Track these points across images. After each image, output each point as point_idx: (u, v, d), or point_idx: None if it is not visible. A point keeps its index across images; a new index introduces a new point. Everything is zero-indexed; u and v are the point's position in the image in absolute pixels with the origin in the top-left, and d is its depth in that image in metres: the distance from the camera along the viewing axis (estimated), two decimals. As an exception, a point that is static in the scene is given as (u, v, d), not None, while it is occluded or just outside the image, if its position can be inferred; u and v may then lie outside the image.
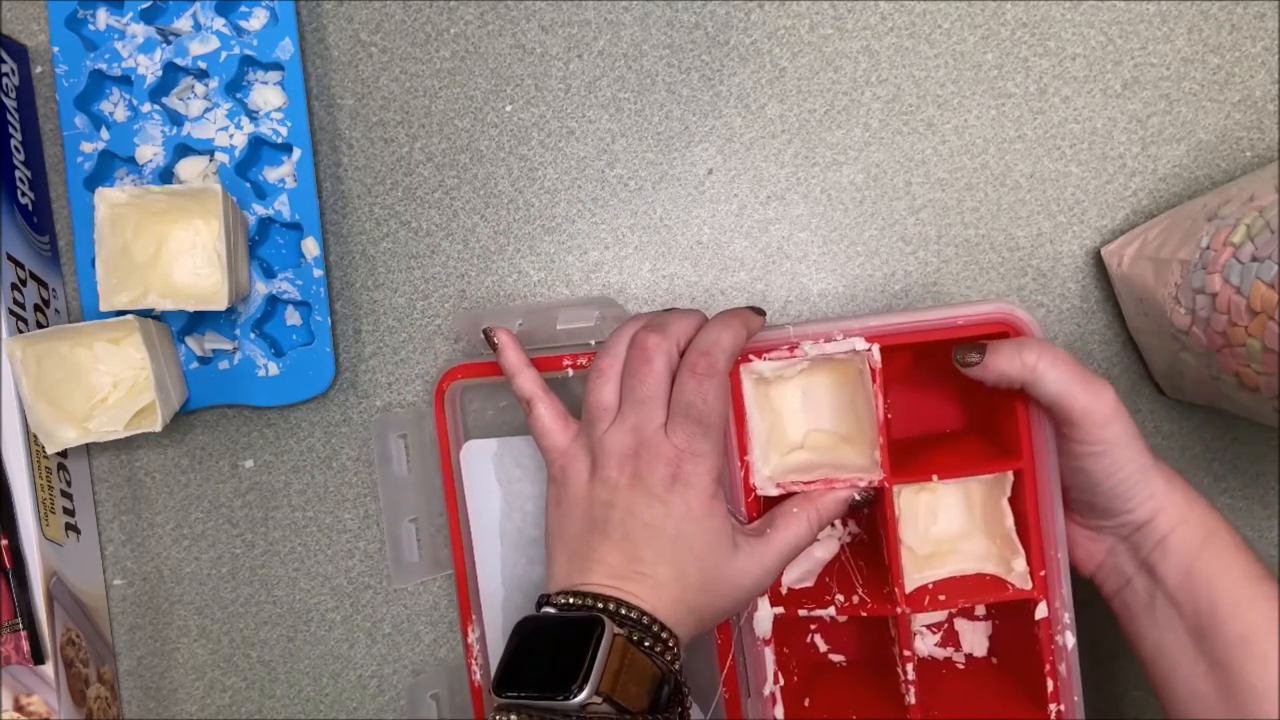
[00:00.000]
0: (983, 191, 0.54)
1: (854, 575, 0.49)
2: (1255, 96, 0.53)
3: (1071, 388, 0.40)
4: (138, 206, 0.48)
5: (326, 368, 0.53)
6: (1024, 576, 0.45)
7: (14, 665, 0.48)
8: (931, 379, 0.50)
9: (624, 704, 0.37)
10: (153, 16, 0.53)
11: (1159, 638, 0.42)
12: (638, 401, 0.41)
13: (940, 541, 0.49)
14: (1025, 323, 0.43)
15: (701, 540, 0.41)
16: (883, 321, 0.44)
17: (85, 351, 0.49)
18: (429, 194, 0.55)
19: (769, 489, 0.46)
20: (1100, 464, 0.41)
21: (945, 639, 0.51)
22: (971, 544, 0.48)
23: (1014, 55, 0.53)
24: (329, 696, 0.56)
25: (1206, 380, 0.46)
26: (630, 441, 0.41)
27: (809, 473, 0.46)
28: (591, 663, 0.36)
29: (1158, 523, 0.42)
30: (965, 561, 0.48)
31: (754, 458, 0.46)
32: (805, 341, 0.45)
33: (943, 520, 0.49)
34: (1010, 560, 0.46)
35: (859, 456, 0.47)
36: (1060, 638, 0.45)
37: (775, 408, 0.48)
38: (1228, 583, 0.41)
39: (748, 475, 0.46)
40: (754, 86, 0.54)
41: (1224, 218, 0.44)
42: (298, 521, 0.55)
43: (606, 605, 0.39)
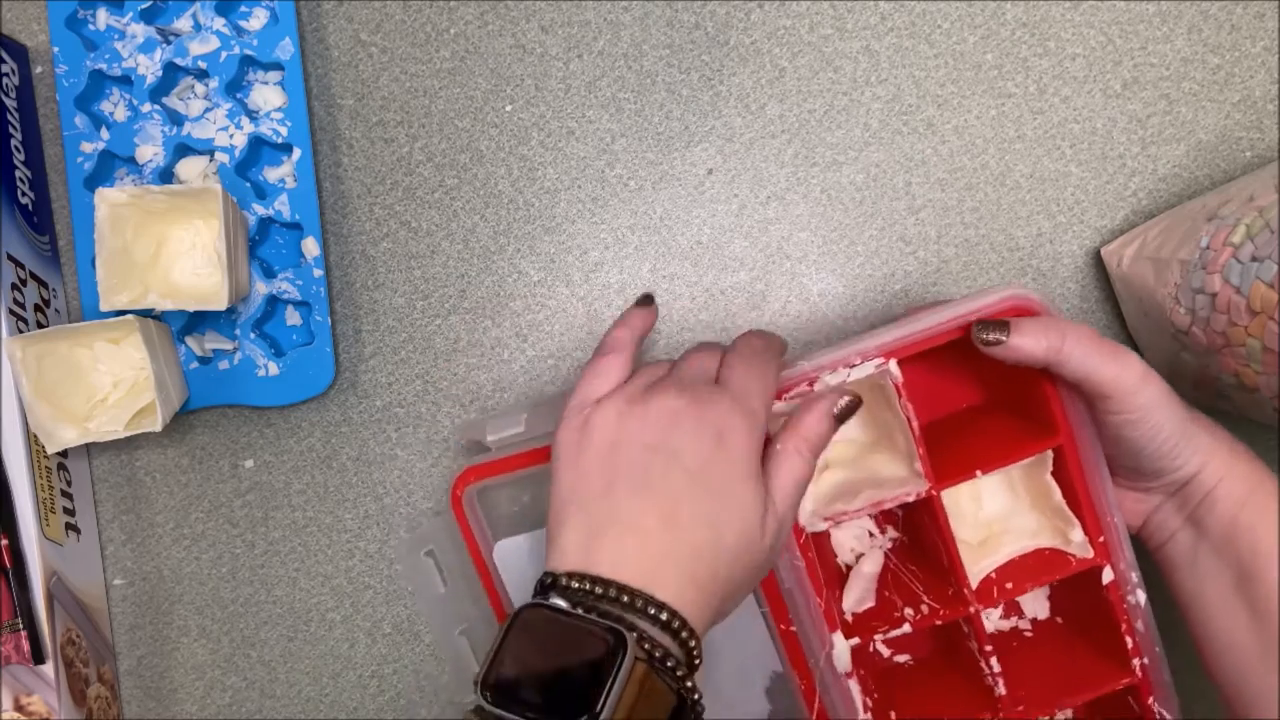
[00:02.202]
0: (983, 191, 0.54)
1: (912, 582, 0.48)
2: (1255, 96, 0.53)
3: (1098, 362, 0.39)
4: (138, 206, 0.48)
5: (326, 368, 0.53)
6: (1084, 545, 0.45)
7: (14, 665, 0.48)
8: (948, 355, 0.48)
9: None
10: (153, 16, 0.53)
11: (1201, 589, 0.42)
12: (685, 374, 0.40)
13: (990, 524, 0.48)
14: (1040, 305, 0.42)
15: (742, 499, 0.36)
16: (897, 335, 0.43)
17: (85, 351, 0.49)
18: (429, 194, 0.55)
19: (816, 525, 0.45)
20: (1139, 430, 0.40)
21: (1007, 609, 0.50)
22: (1021, 520, 0.48)
23: (1014, 55, 0.53)
24: (329, 696, 0.56)
25: (1207, 380, 0.46)
26: (678, 393, 0.38)
27: (853, 497, 0.45)
28: (608, 693, 0.31)
29: (1204, 476, 0.41)
30: (1020, 539, 0.47)
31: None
32: (824, 373, 0.43)
33: (988, 503, 0.48)
34: (1067, 531, 0.45)
35: (891, 464, 0.46)
36: (1132, 597, 0.45)
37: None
38: (1271, 532, 0.40)
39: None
40: (754, 86, 0.54)
41: (1224, 218, 0.44)
42: (298, 521, 0.55)
43: (633, 602, 0.34)
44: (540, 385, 0.55)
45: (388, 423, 0.55)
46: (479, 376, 0.55)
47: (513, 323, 0.55)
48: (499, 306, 0.55)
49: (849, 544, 0.51)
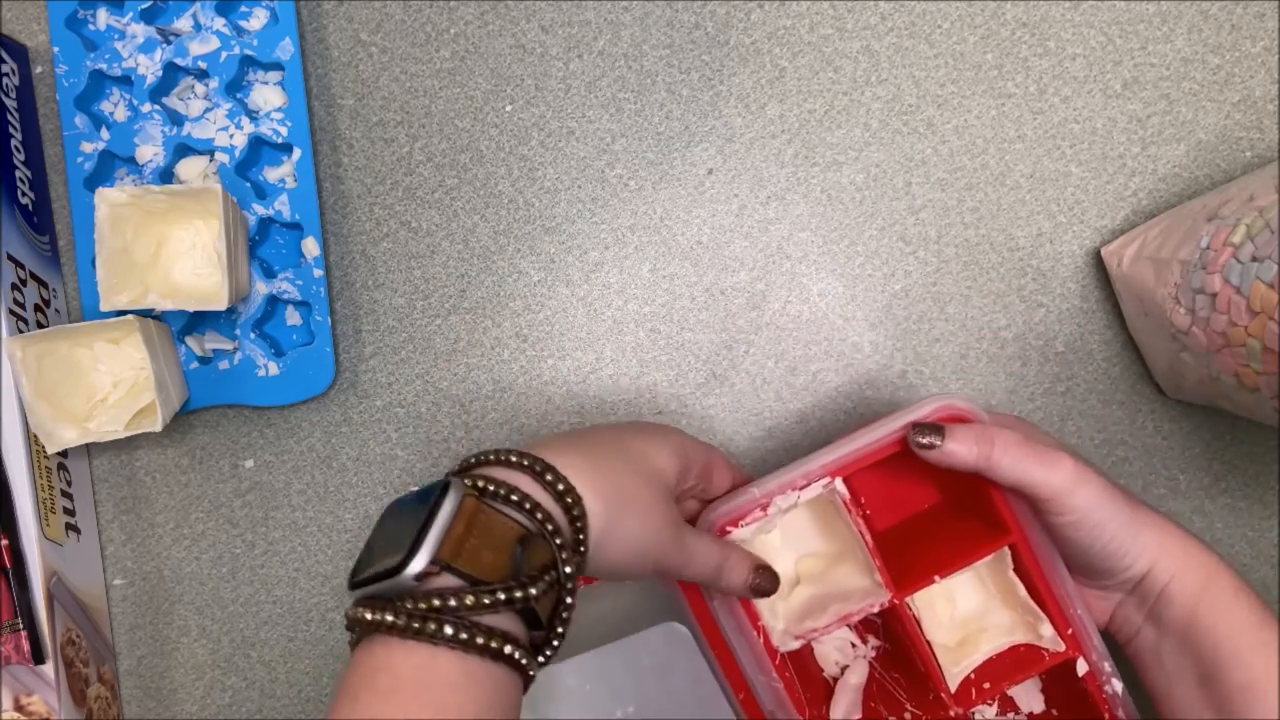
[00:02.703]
0: (983, 191, 0.54)
1: (895, 690, 0.49)
2: (1255, 96, 0.53)
3: (1026, 467, 0.40)
4: (138, 206, 0.48)
5: (326, 368, 0.53)
6: (1055, 639, 0.45)
7: (14, 665, 0.48)
8: (903, 460, 0.49)
9: (471, 572, 0.32)
10: (153, 16, 0.53)
11: (1169, 686, 0.42)
12: None
13: (967, 623, 0.49)
14: (972, 413, 0.43)
15: (654, 442, 0.41)
16: (840, 454, 0.44)
17: (85, 351, 0.49)
18: (429, 194, 0.55)
19: (789, 644, 0.46)
20: (1081, 531, 0.41)
21: (1002, 705, 0.50)
22: (996, 617, 0.48)
23: (1014, 55, 0.53)
24: (329, 696, 0.56)
25: (1206, 380, 0.46)
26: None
27: (821, 612, 0.46)
28: (427, 529, 0.32)
29: (1156, 573, 0.41)
30: (996, 637, 0.48)
31: (764, 619, 0.46)
32: (775, 498, 0.45)
33: (961, 603, 0.49)
34: (1037, 626, 0.46)
35: (856, 575, 0.47)
36: (1109, 687, 0.45)
37: (760, 554, 0.48)
38: (1228, 630, 0.40)
39: (766, 640, 0.46)
40: (754, 86, 0.54)
41: (1224, 218, 0.44)
42: (298, 521, 0.55)
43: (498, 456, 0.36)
44: (540, 385, 0.55)
45: (388, 423, 0.55)
46: (479, 376, 0.55)
47: (513, 323, 0.55)
48: (499, 306, 0.55)
49: (833, 656, 0.51)
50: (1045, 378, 0.54)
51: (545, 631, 0.35)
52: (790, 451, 0.54)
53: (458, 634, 0.31)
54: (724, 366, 0.54)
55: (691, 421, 0.54)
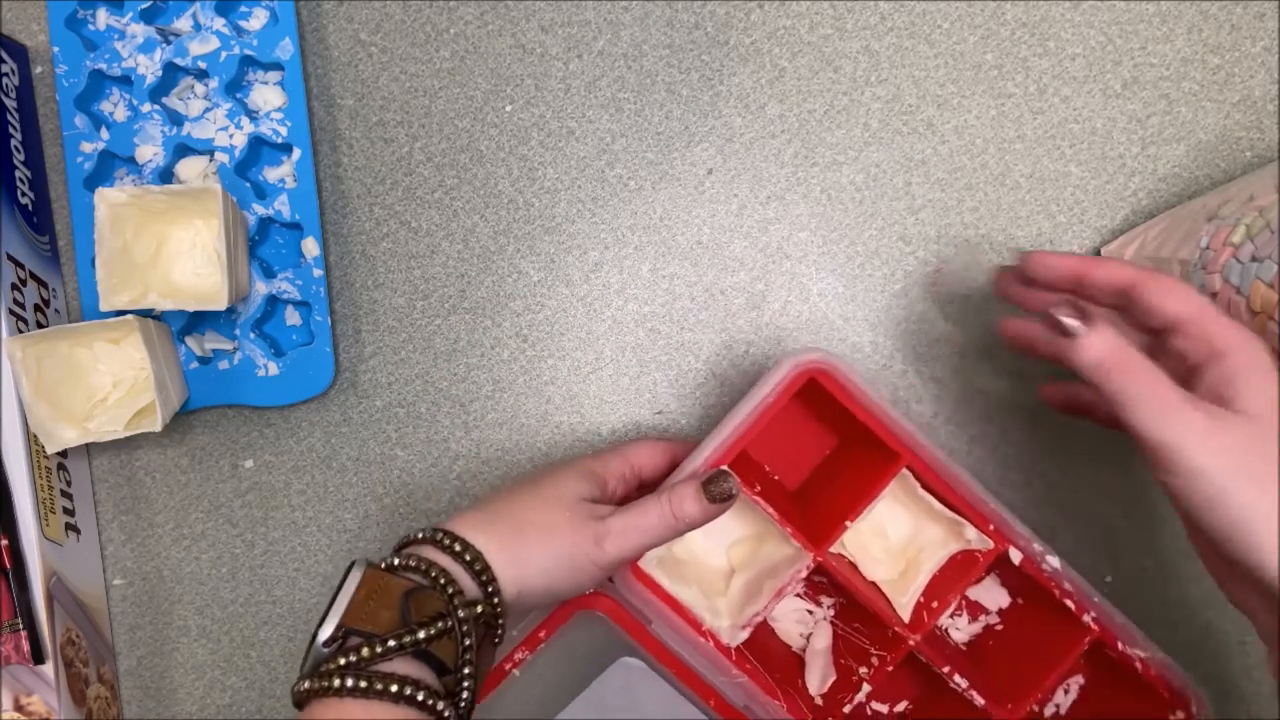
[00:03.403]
0: (983, 191, 0.54)
1: (859, 640, 0.49)
2: (1255, 96, 0.53)
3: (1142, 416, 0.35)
4: (138, 206, 0.48)
5: (326, 368, 0.53)
6: (981, 539, 0.46)
7: (14, 665, 0.48)
8: (790, 416, 0.50)
9: (369, 629, 0.36)
10: (153, 16, 0.53)
11: None
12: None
13: (904, 551, 0.49)
14: (827, 365, 0.44)
15: (555, 478, 0.43)
16: (714, 446, 0.45)
17: (85, 351, 0.49)
18: (429, 194, 0.55)
19: (739, 636, 0.47)
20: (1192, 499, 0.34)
21: (971, 611, 0.51)
22: (927, 535, 0.49)
23: (1014, 55, 0.53)
24: (329, 696, 0.56)
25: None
26: None
27: (758, 594, 0.47)
28: (333, 601, 0.37)
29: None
30: (934, 554, 0.49)
31: (709, 623, 0.47)
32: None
33: (893, 533, 0.50)
34: (963, 532, 0.47)
35: (781, 547, 0.48)
36: (1046, 566, 0.46)
37: (690, 560, 0.49)
38: None
39: (716, 642, 0.46)
40: (754, 86, 0.54)
41: (1224, 218, 0.44)
42: (298, 521, 0.55)
43: (410, 535, 0.40)
44: (540, 385, 0.55)
45: (388, 423, 0.55)
46: (479, 376, 0.55)
47: (513, 323, 0.55)
48: (499, 306, 0.55)
49: (795, 629, 0.52)
50: (1045, 378, 0.54)
51: (454, 674, 0.37)
52: (790, 451, 0.54)
53: (358, 683, 0.35)
54: (724, 366, 0.54)
55: (691, 421, 0.54)
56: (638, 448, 0.47)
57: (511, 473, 0.55)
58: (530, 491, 0.43)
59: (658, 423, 0.54)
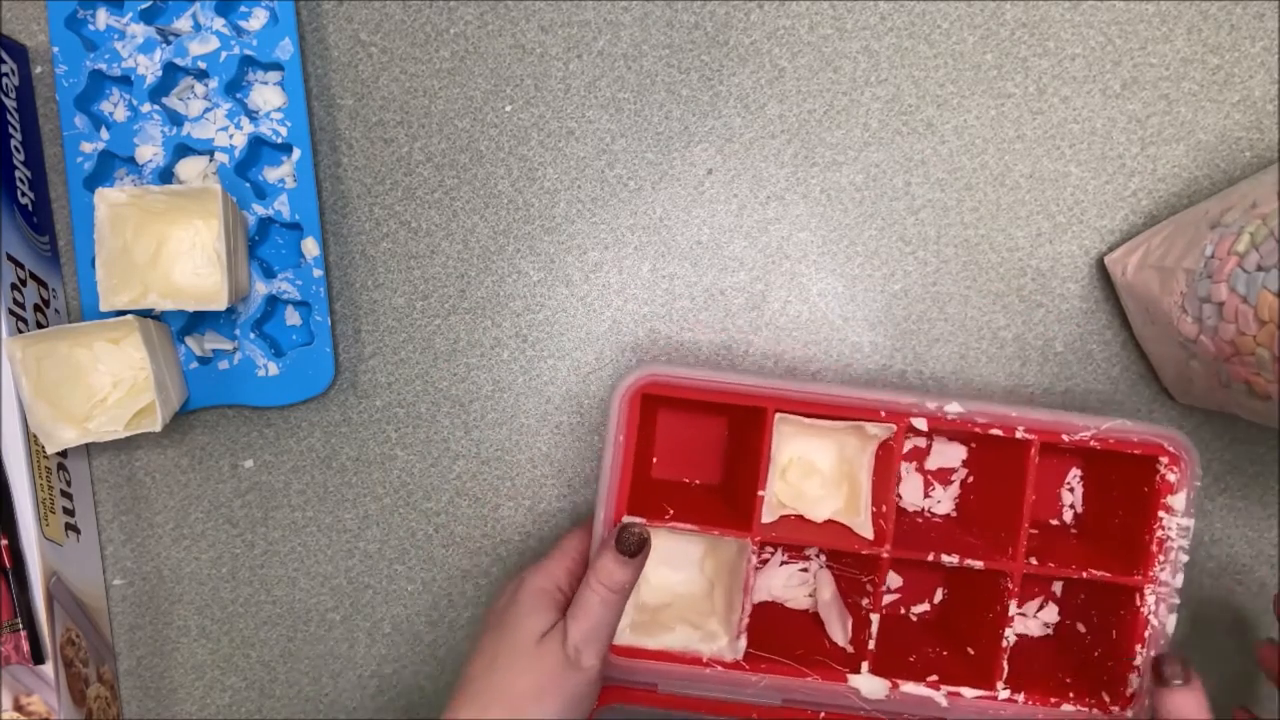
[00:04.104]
0: (982, 191, 0.54)
1: (852, 574, 0.50)
2: (1255, 96, 0.53)
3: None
4: (138, 206, 0.48)
5: (326, 368, 0.53)
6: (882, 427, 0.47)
7: (14, 665, 0.48)
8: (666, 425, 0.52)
9: None
10: (153, 16, 0.53)
11: None
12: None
13: (840, 473, 0.50)
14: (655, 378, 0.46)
15: (519, 630, 0.43)
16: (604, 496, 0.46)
17: (85, 351, 0.49)
18: (429, 194, 0.55)
19: (740, 647, 0.47)
20: None
21: (941, 479, 0.52)
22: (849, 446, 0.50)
23: (1013, 55, 0.53)
24: (329, 696, 0.56)
25: (1216, 387, 0.46)
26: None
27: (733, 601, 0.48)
28: None
29: None
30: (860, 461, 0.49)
31: (707, 652, 0.47)
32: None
33: (821, 462, 0.51)
34: (865, 429, 0.48)
35: (729, 546, 0.48)
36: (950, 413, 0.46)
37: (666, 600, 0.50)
38: None
39: (722, 664, 0.47)
40: (754, 86, 0.54)
41: (1227, 225, 0.44)
42: (298, 521, 0.55)
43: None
44: (540, 385, 0.55)
45: (388, 423, 0.55)
46: (479, 376, 0.55)
47: (513, 323, 0.55)
48: (499, 306, 0.55)
49: (800, 593, 0.53)
50: (1045, 378, 0.54)
51: None
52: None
53: None
54: (724, 366, 0.54)
55: (691, 421, 0.54)
56: (569, 541, 0.48)
57: (511, 472, 0.55)
58: (499, 654, 0.43)
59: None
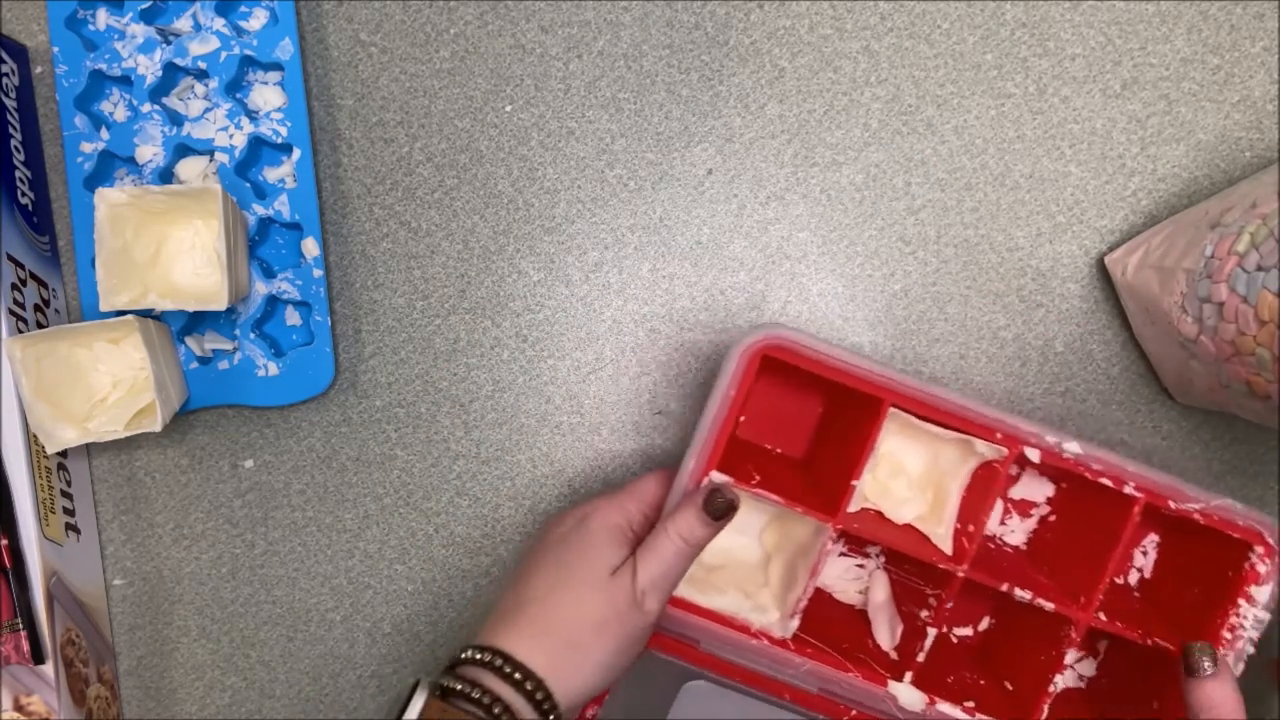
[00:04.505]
0: (982, 191, 0.54)
1: (915, 583, 0.49)
2: (1255, 96, 0.53)
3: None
4: (138, 206, 0.48)
5: (326, 368, 0.53)
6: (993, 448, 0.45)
7: (14, 665, 0.48)
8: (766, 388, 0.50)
9: None
10: (153, 16, 0.53)
11: None
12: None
13: (929, 478, 0.49)
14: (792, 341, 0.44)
15: (590, 561, 0.42)
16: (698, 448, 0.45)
17: (85, 351, 0.49)
18: (429, 194, 0.55)
19: (791, 626, 0.46)
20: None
21: (1020, 510, 0.50)
22: (945, 456, 0.48)
23: (1013, 55, 0.53)
24: (329, 696, 0.56)
25: (1217, 388, 0.46)
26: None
27: (794, 579, 0.46)
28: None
29: None
30: (956, 474, 0.48)
31: (758, 624, 0.46)
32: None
33: (911, 465, 0.49)
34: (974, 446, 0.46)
35: (804, 526, 0.47)
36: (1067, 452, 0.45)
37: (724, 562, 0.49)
38: None
39: (769, 638, 0.46)
40: (754, 86, 0.54)
41: (1227, 225, 0.44)
42: (298, 521, 0.55)
43: (467, 655, 0.40)
44: (540, 385, 0.55)
45: (388, 423, 0.55)
46: (479, 376, 0.55)
47: (513, 323, 0.55)
48: (499, 306, 0.55)
49: (851, 588, 0.51)
50: (1045, 378, 0.54)
51: None
52: (790, 451, 0.54)
53: None
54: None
55: (691, 422, 0.54)
56: (646, 484, 0.47)
57: (511, 472, 0.55)
58: (567, 580, 0.42)
59: (658, 423, 0.54)
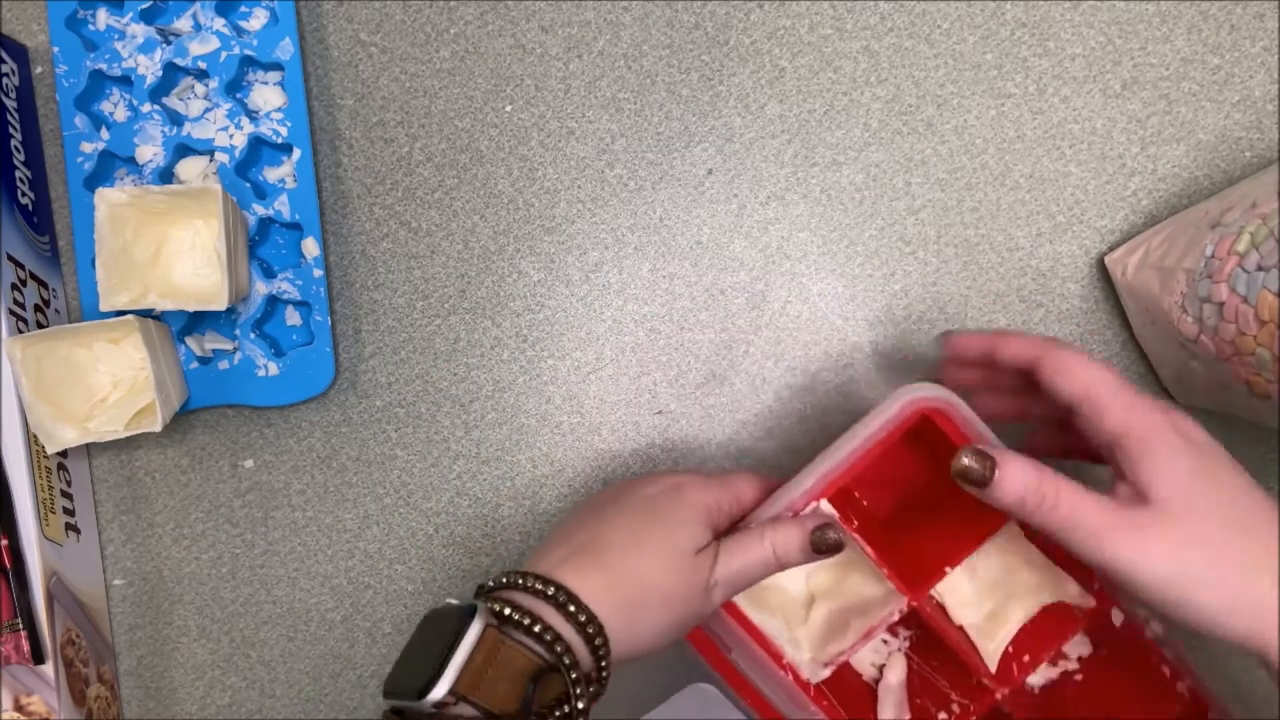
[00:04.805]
0: (982, 191, 0.54)
1: (937, 680, 0.48)
2: (1255, 96, 0.53)
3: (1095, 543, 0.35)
4: (138, 206, 0.48)
5: (326, 368, 0.53)
6: (1082, 594, 0.44)
7: (14, 665, 0.48)
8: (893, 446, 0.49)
9: (485, 705, 0.34)
10: (153, 16, 0.53)
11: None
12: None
13: (993, 591, 0.47)
14: (944, 403, 0.41)
15: (676, 529, 0.40)
16: (816, 478, 0.43)
17: (85, 351, 0.49)
18: (429, 194, 0.55)
19: (820, 674, 0.45)
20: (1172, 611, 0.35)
21: (1051, 657, 0.48)
22: (1021, 578, 0.46)
23: (1014, 55, 0.53)
24: (329, 696, 0.56)
25: (1217, 388, 0.46)
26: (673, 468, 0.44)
27: (844, 630, 0.45)
28: (447, 660, 0.34)
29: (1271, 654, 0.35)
30: (1025, 601, 0.46)
31: (789, 655, 0.45)
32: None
33: (983, 572, 0.47)
34: (1063, 584, 0.45)
35: (870, 583, 0.46)
36: (1149, 631, 0.44)
37: (771, 586, 0.48)
38: None
39: (796, 677, 0.45)
40: (754, 86, 0.54)
41: (1227, 225, 0.44)
42: (298, 521, 0.55)
43: (524, 582, 0.37)
44: (540, 385, 0.55)
45: (388, 423, 0.55)
46: (479, 376, 0.55)
47: (513, 323, 0.55)
48: (499, 306, 0.55)
49: (868, 658, 0.50)
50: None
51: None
52: (790, 451, 0.54)
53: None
54: (724, 366, 0.54)
55: (691, 422, 0.54)
56: (740, 481, 0.45)
57: (511, 472, 0.55)
58: (652, 540, 0.40)
59: (658, 423, 0.54)
